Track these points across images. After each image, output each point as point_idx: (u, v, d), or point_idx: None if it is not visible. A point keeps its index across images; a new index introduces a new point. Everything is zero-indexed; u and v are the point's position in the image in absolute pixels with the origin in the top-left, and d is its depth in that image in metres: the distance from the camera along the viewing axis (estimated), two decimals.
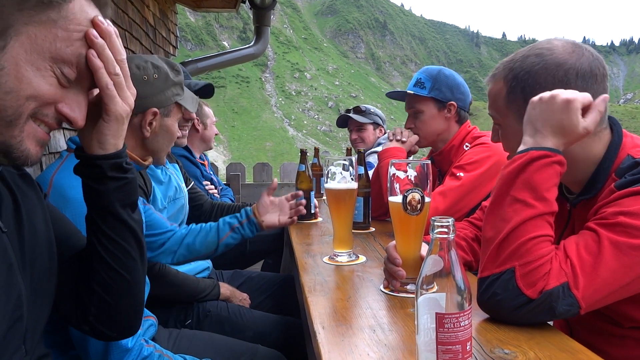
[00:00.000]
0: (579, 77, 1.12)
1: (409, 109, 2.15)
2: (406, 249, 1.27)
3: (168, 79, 1.43)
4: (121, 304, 0.97)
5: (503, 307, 1.01)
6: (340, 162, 1.59)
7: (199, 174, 2.97)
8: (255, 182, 4.59)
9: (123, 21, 3.09)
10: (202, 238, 1.71)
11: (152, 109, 1.39)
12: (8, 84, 0.73)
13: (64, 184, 1.23)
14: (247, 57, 5.02)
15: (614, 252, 0.98)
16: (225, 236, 1.73)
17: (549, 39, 1.20)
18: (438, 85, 2.06)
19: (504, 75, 1.21)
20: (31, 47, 0.75)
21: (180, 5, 4.88)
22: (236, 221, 1.76)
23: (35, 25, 0.75)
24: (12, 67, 0.73)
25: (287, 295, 2.21)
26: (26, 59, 0.75)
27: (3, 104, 0.74)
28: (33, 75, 0.76)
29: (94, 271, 0.94)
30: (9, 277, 0.80)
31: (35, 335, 0.88)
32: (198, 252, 1.71)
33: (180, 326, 1.87)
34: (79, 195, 1.20)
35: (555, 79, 1.12)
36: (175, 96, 1.45)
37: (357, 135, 3.47)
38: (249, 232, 1.77)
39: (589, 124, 1.07)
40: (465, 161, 1.95)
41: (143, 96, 1.37)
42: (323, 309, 1.17)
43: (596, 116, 1.07)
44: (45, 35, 0.76)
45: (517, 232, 1.02)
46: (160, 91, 1.41)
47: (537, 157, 1.05)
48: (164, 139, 1.46)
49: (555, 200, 1.06)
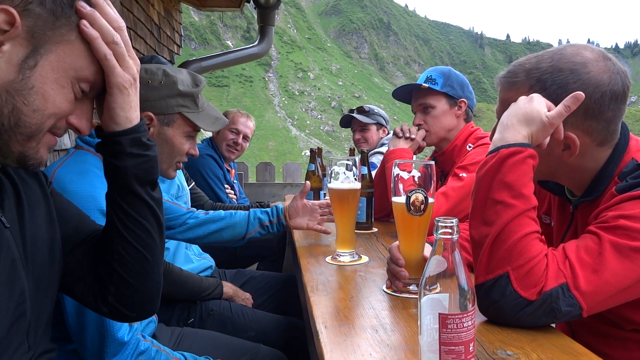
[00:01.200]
0: (612, 100, 1.10)
1: (419, 106, 2.13)
2: (409, 250, 1.27)
3: (174, 88, 1.42)
4: (141, 284, 0.97)
5: (504, 312, 1.01)
6: (343, 162, 1.59)
7: (221, 175, 3.01)
8: (258, 182, 4.59)
9: (128, 19, 3.10)
10: (231, 229, 1.79)
11: (147, 113, 1.39)
12: (36, 102, 0.76)
13: (64, 179, 1.25)
14: (251, 56, 5.03)
15: (616, 254, 0.98)
16: (253, 231, 1.82)
17: (573, 46, 1.16)
18: (450, 82, 2.07)
19: (530, 84, 1.15)
20: (58, 66, 0.77)
21: (184, 4, 4.89)
22: (267, 219, 1.83)
23: (65, 44, 0.77)
24: (40, 86, 0.76)
25: (289, 295, 2.21)
26: (53, 77, 0.77)
27: (29, 121, 0.76)
28: (56, 94, 0.78)
29: (114, 250, 0.94)
30: (12, 272, 0.80)
31: (38, 330, 0.88)
32: (224, 240, 1.80)
33: (183, 324, 1.88)
34: (79, 189, 1.22)
35: (591, 99, 1.09)
36: (181, 107, 1.45)
37: (361, 135, 3.47)
38: (276, 231, 1.86)
39: (551, 114, 1.06)
40: (468, 161, 1.95)
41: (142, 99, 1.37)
42: (325, 309, 1.17)
43: (560, 109, 1.06)
44: (72, 54, 0.78)
45: (503, 235, 1.02)
46: (161, 98, 1.41)
47: (508, 155, 1.05)
48: (163, 148, 1.45)
49: (533, 194, 1.06)
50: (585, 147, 1.13)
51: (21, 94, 0.74)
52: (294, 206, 1.86)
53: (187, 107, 1.46)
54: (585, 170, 1.16)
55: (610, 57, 1.14)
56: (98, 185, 1.25)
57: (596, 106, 1.10)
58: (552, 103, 1.10)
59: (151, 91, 1.40)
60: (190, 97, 1.46)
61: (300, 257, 1.66)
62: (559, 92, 1.11)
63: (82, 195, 1.21)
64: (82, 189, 1.23)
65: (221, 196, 2.95)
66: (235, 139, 3.12)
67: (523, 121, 1.07)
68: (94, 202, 1.22)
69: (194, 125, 1.52)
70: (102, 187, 1.23)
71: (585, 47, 1.15)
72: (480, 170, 1.09)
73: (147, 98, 1.39)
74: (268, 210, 1.86)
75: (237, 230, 1.81)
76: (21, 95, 0.74)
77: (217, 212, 1.83)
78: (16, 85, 0.74)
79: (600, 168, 1.16)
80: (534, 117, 1.07)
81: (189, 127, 1.50)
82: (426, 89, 2.07)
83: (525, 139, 1.07)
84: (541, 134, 1.08)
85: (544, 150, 1.11)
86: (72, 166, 1.29)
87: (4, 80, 0.73)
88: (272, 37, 5.06)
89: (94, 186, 1.24)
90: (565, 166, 1.17)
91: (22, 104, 0.75)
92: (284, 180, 4.62)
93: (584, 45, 1.17)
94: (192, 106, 1.47)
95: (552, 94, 1.11)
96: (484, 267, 1.03)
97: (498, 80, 1.24)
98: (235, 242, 1.84)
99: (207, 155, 3.01)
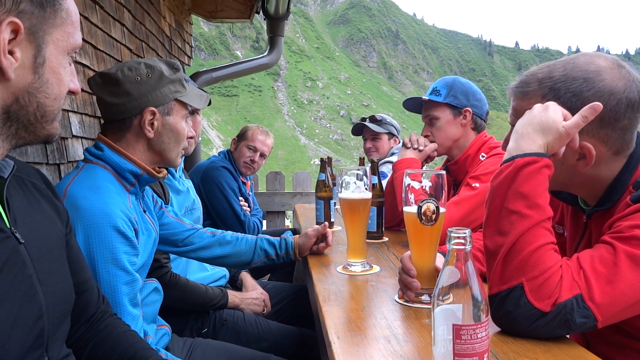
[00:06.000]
0: (628, 108, 1.09)
1: (425, 117, 2.15)
2: (421, 260, 1.27)
3: (163, 77, 1.39)
4: None
5: (518, 323, 1.00)
6: (354, 171, 1.60)
7: (236, 187, 3.03)
8: (268, 191, 4.60)
9: (140, 32, 3.14)
10: (236, 257, 1.77)
11: (149, 108, 1.36)
12: (54, 91, 0.83)
13: (77, 195, 1.24)
14: (261, 66, 5.06)
15: (631, 265, 0.97)
16: (258, 261, 1.80)
17: (586, 55, 1.15)
18: (453, 92, 2.07)
19: (543, 93, 1.14)
20: (57, 51, 0.83)
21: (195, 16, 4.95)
22: (273, 252, 1.81)
23: (55, 30, 0.82)
24: (52, 77, 0.82)
25: (301, 306, 2.21)
26: (57, 63, 0.83)
27: (52, 109, 0.83)
28: (65, 74, 0.85)
29: None
30: (29, 289, 0.81)
31: (56, 342, 0.89)
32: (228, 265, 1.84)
33: (196, 334, 1.88)
34: (91, 206, 1.22)
35: (607, 107, 1.08)
36: (175, 93, 1.42)
37: (372, 144, 3.47)
38: (281, 262, 1.86)
39: (568, 124, 1.05)
40: (481, 171, 1.95)
41: (137, 96, 1.35)
42: (337, 319, 1.17)
43: (577, 120, 1.05)
44: (63, 36, 0.83)
45: (517, 246, 1.01)
46: (155, 89, 1.38)
47: (524, 165, 1.04)
48: (170, 138, 1.42)
49: (548, 204, 1.05)
50: (601, 156, 1.12)
51: (41, 90, 0.81)
52: (305, 246, 1.83)
53: (179, 92, 1.43)
54: (600, 180, 1.16)
55: (624, 65, 1.13)
56: (110, 201, 1.25)
57: (612, 114, 1.09)
58: (568, 110, 1.09)
59: (142, 86, 1.36)
60: (178, 81, 1.44)
61: (312, 267, 1.66)
62: (574, 100, 1.10)
63: (95, 212, 1.22)
64: (95, 206, 1.23)
65: (236, 208, 2.97)
66: (252, 156, 3.13)
67: (539, 130, 1.06)
68: (107, 218, 1.22)
69: (187, 107, 1.49)
70: (114, 203, 1.25)
71: (599, 55, 1.14)
72: (495, 180, 1.08)
73: (141, 94, 1.36)
74: (276, 242, 1.83)
75: (242, 259, 1.78)
76: (41, 92, 0.81)
77: (224, 235, 1.78)
78: (35, 85, 0.80)
79: (615, 177, 1.15)
80: (550, 126, 1.06)
81: (185, 110, 1.48)
82: (429, 101, 2.09)
83: (541, 148, 1.06)
84: (557, 144, 1.07)
85: (558, 160, 1.10)
86: (84, 181, 1.29)
87: (24, 84, 0.78)
88: (282, 47, 5.09)
89: (107, 203, 1.24)
90: (579, 176, 1.16)
91: (44, 98, 0.81)
92: (293, 189, 4.63)
93: (596, 53, 1.16)
94: (182, 89, 1.44)
95: (567, 102, 1.11)
96: (497, 278, 1.02)
97: (510, 90, 1.23)
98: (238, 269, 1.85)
99: (222, 167, 3.02)
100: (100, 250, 1.21)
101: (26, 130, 0.81)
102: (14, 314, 0.77)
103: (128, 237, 1.25)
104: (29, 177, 0.96)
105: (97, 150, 1.35)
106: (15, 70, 0.76)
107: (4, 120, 0.78)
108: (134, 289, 1.27)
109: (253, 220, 3.05)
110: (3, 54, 0.74)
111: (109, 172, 1.33)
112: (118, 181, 1.34)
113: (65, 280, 0.94)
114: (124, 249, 1.24)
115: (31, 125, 0.81)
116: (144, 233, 1.38)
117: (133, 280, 1.27)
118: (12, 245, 0.80)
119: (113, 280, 1.22)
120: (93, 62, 2.32)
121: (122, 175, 1.34)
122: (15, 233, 0.82)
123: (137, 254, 1.30)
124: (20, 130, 0.81)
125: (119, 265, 1.23)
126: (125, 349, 1.10)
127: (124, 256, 1.24)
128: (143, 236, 1.37)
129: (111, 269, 1.22)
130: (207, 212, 2.88)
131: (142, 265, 1.36)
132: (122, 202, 1.29)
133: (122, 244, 1.24)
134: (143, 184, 1.41)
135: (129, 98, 1.34)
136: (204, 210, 2.63)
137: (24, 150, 1.66)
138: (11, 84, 0.77)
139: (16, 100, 0.78)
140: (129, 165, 1.34)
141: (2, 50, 0.74)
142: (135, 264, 1.29)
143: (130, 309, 1.26)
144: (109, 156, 1.34)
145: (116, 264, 1.22)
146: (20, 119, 0.80)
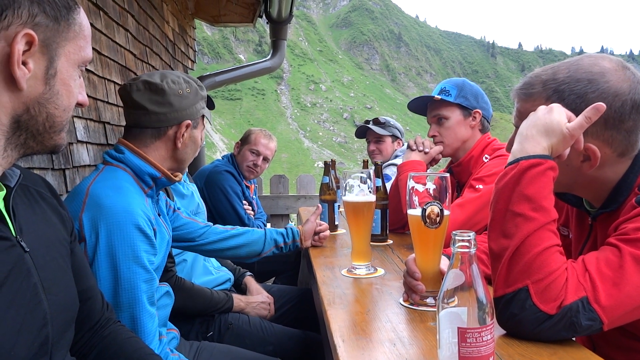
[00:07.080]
0: (633, 109, 1.09)
1: (433, 117, 2.13)
2: (425, 263, 1.27)
3: (198, 93, 1.47)
4: None
5: (523, 326, 1.00)
6: (358, 174, 1.60)
7: (240, 191, 3.04)
8: (272, 194, 4.61)
9: (144, 37, 3.16)
10: (248, 247, 1.90)
11: (187, 121, 1.43)
12: (64, 102, 0.84)
13: (100, 194, 1.28)
14: (264, 70, 5.07)
15: (637, 267, 0.97)
16: (268, 250, 1.94)
17: (590, 56, 1.15)
18: (464, 93, 2.07)
19: (547, 95, 1.14)
20: (68, 64, 0.84)
21: (198, 20, 4.97)
22: (282, 240, 1.96)
23: (67, 44, 0.83)
24: (62, 88, 0.83)
25: (306, 309, 2.21)
26: (68, 75, 0.84)
27: (60, 120, 0.85)
28: (74, 86, 0.86)
29: None
30: (33, 297, 0.82)
31: (61, 349, 0.90)
32: (241, 256, 1.92)
33: (202, 338, 1.89)
34: (114, 204, 1.26)
35: (612, 109, 1.08)
36: (203, 109, 1.50)
37: (375, 146, 3.47)
38: (289, 251, 1.98)
39: (571, 126, 1.05)
40: (484, 173, 1.94)
41: (179, 109, 1.42)
42: (342, 322, 1.17)
43: (581, 121, 1.05)
44: (74, 49, 0.85)
45: (522, 248, 1.01)
46: (193, 104, 1.45)
47: (529, 167, 1.04)
48: (192, 150, 1.50)
49: (553, 207, 1.05)
50: (606, 158, 1.12)
51: (51, 101, 0.82)
52: (308, 230, 2.00)
53: (205, 108, 1.52)
54: (605, 182, 1.15)
55: (629, 67, 1.12)
56: (132, 201, 1.29)
57: (617, 115, 1.09)
58: (572, 111, 1.08)
59: (184, 100, 1.43)
60: (204, 99, 1.52)
61: (316, 270, 1.66)
62: (578, 102, 1.10)
63: (118, 210, 1.25)
64: (118, 204, 1.27)
65: (239, 212, 2.97)
66: (255, 160, 3.13)
67: (543, 132, 1.06)
68: (130, 216, 1.26)
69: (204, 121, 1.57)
70: (136, 203, 1.29)
71: (603, 57, 1.14)
72: (499, 182, 1.08)
73: (182, 107, 1.43)
74: (283, 232, 1.97)
75: (254, 248, 1.90)
76: (51, 102, 0.82)
77: (236, 228, 1.90)
78: (46, 95, 0.81)
79: (620, 179, 1.14)
80: (554, 128, 1.06)
81: (203, 125, 1.56)
82: (440, 100, 2.08)
83: (546, 150, 1.06)
84: (561, 146, 1.06)
85: (563, 162, 1.09)
86: (107, 181, 1.33)
87: (35, 95, 0.80)
88: (285, 50, 5.11)
89: (129, 202, 1.28)
90: (584, 177, 1.15)
91: (53, 109, 0.83)
92: (297, 192, 4.63)
93: (601, 55, 1.16)
94: (205, 106, 1.53)
95: (571, 104, 1.10)
96: (502, 280, 1.02)
97: (514, 92, 1.23)
98: (249, 259, 1.94)
99: (226, 171, 3.04)
100: (122, 247, 1.24)
101: (34, 140, 0.83)
102: (19, 322, 0.77)
103: (149, 235, 1.29)
104: (35, 186, 0.96)
105: (117, 153, 1.40)
106: (28, 81, 0.78)
107: (14, 129, 0.80)
108: (152, 287, 1.31)
109: (257, 224, 3.06)
110: (17, 64, 0.75)
111: (129, 174, 1.38)
112: (137, 183, 1.38)
113: (69, 288, 0.94)
114: (144, 247, 1.28)
115: (39, 135, 0.83)
116: (159, 234, 1.41)
117: (152, 278, 1.30)
118: (17, 254, 0.81)
119: (134, 277, 1.25)
120: (97, 68, 2.33)
121: (140, 178, 1.39)
122: (20, 242, 0.83)
123: (155, 254, 1.34)
124: (29, 139, 0.82)
125: (139, 263, 1.26)
126: (130, 355, 1.11)
127: (145, 254, 1.28)
128: (159, 237, 1.40)
129: (132, 266, 1.25)
130: (211, 215, 2.89)
131: (158, 266, 1.40)
132: (142, 202, 1.34)
133: (143, 242, 1.27)
134: (159, 187, 1.45)
135: (171, 109, 1.41)
136: (208, 214, 2.64)
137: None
138: (23, 94, 0.78)
139: (27, 110, 0.80)
140: (148, 168, 1.39)
141: (17, 61, 0.75)
142: (154, 263, 1.33)
143: (148, 307, 1.29)
144: (129, 159, 1.38)
145: (137, 261, 1.26)
146: (30, 129, 0.81)
